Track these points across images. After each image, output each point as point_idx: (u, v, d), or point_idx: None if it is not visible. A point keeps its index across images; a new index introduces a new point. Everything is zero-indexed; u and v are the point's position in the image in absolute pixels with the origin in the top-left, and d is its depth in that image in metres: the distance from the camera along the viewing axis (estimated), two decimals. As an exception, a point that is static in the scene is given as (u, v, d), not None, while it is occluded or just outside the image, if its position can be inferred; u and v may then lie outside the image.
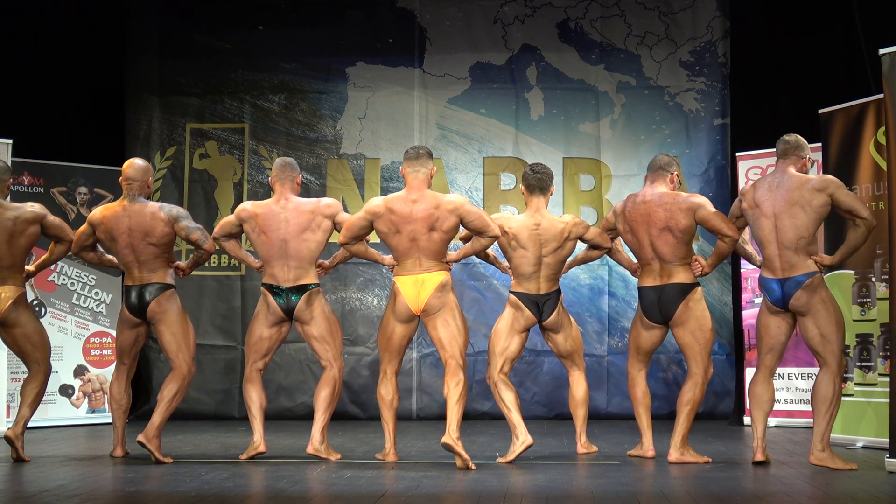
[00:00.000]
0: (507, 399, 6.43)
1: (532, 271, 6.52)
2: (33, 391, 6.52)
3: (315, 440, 6.42)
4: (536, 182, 6.59)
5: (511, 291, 6.60)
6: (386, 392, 6.42)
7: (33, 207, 6.56)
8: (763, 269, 6.18)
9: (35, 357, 6.56)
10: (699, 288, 6.36)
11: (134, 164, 6.61)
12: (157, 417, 6.37)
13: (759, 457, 6.10)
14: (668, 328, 6.42)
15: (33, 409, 6.53)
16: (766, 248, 6.11)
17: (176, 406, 6.48)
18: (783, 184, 6.06)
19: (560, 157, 9.42)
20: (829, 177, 6.15)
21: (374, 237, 6.52)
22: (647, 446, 6.55)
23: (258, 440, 6.45)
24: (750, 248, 6.49)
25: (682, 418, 6.29)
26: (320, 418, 6.45)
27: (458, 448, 6.00)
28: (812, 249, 6.05)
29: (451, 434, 6.01)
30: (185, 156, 9.63)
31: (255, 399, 6.53)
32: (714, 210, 6.23)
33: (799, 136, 6.22)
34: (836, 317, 6.04)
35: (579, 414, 6.74)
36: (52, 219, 6.60)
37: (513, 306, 6.58)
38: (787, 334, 6.18)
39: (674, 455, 6.27)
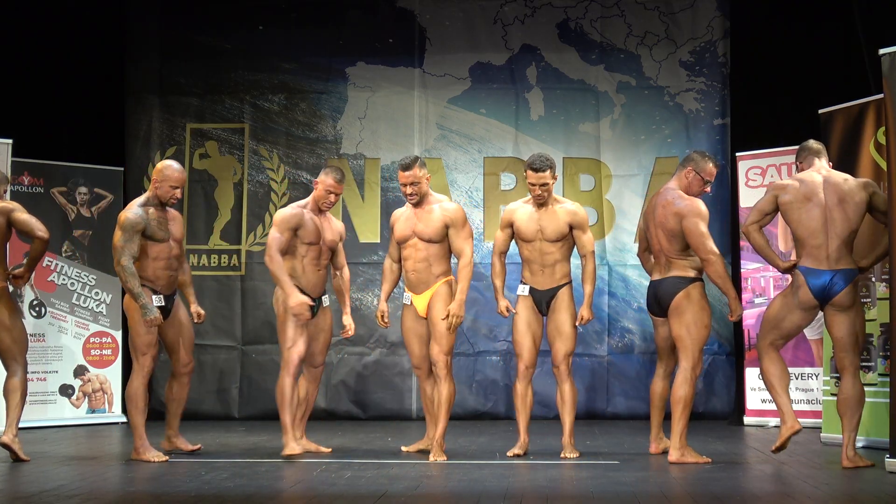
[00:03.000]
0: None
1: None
2: (17, 390, 6.49)
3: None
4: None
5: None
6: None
7: (5, 202, 6.55)
8: (805, 259, 6.19)
9: (13, 352, 6.52)
10: (699, 283, 6.40)
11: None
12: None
13: (795, 425, 6.09)
14: None
15: (21, 407, 6.50)
16: (814, 238, 6.16)
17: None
18: (831, 178, 6.23)
19: (560, 157, 9.41)
20: (869, 179, 6.39)
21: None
22: (650, 442, 6.68)
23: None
24: (771, 251, 6.40)
25: (677, 417, 6.33)
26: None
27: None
28: (852, 248, 6.23)
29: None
30: (185, 156, 9.62)
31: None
32: (694, 227, 6.28)
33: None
34: (863, 318, 6.28)
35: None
36: (21, 215, 6.50)
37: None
38: (802, 329, 6.30)
39: (674, 455, 6.28)
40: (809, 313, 6.23)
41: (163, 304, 6.66)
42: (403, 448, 6.81)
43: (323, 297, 6.85)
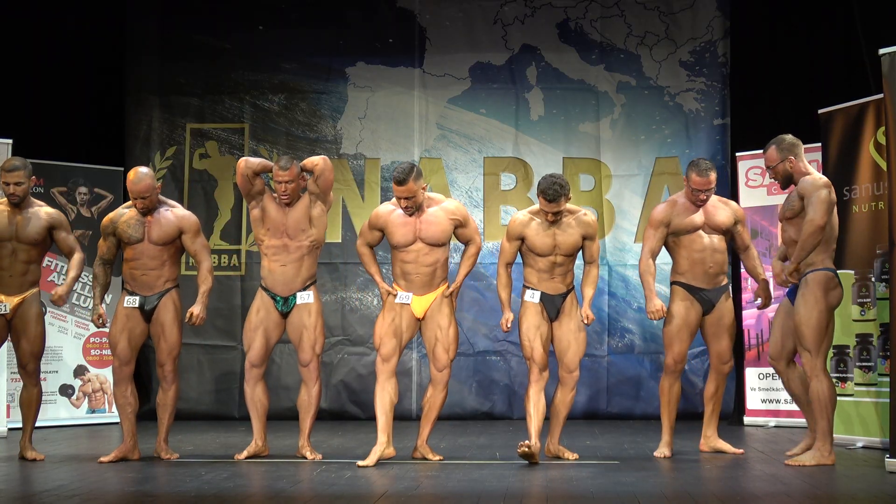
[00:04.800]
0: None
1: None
2: None
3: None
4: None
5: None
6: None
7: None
8: (829, 261, 6.23)
9: None
10: (675, 286, 6.65)
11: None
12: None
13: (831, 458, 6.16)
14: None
15: None
16: (836, 241, 6.28)
17: None
18: None
19: (560, 157, 9.42)
20: None
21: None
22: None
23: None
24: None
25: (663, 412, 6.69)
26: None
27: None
28: None
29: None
30: (185, 156, 9.63)
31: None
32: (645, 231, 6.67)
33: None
34: None
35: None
36: None
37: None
38: None
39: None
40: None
41: (136, 305, 6.65)
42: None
43: (300, 294, 6.65)
